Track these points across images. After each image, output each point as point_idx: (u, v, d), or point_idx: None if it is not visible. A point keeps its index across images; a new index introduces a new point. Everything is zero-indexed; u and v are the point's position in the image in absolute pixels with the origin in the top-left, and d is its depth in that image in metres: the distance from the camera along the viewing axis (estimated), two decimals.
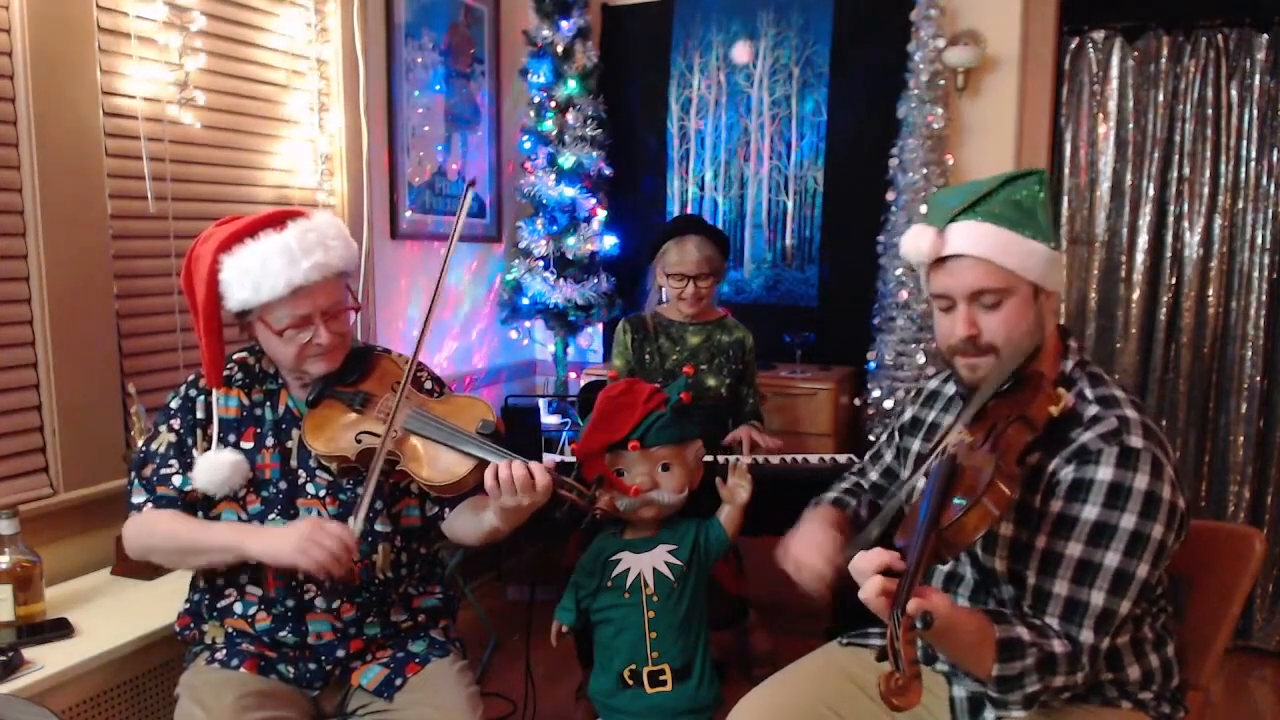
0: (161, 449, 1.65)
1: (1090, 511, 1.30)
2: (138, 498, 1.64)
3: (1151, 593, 1.43)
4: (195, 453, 1.63)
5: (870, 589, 1.15)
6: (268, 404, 1.68)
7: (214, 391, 1.66)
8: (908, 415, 1.72)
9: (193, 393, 1.68)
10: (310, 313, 1.58)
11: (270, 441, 1.66)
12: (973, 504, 1.17)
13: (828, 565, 1.45)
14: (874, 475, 1.78)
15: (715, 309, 2.78)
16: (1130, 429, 1.33)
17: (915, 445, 1.66)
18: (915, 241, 1.43)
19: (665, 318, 2.74)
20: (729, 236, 3.07)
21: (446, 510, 1.70)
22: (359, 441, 1.58)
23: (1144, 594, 1.33)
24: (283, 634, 1.62)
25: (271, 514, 1.63)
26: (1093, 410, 1.37)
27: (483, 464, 1.52)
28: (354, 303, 1.70)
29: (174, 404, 1.68)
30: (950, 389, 1.65)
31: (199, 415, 1.66)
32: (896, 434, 1.74)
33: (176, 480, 1.63)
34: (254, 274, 1.54)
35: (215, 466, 1.60)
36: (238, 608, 1.64)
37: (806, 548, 1.50)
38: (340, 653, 1.64)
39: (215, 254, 1.56)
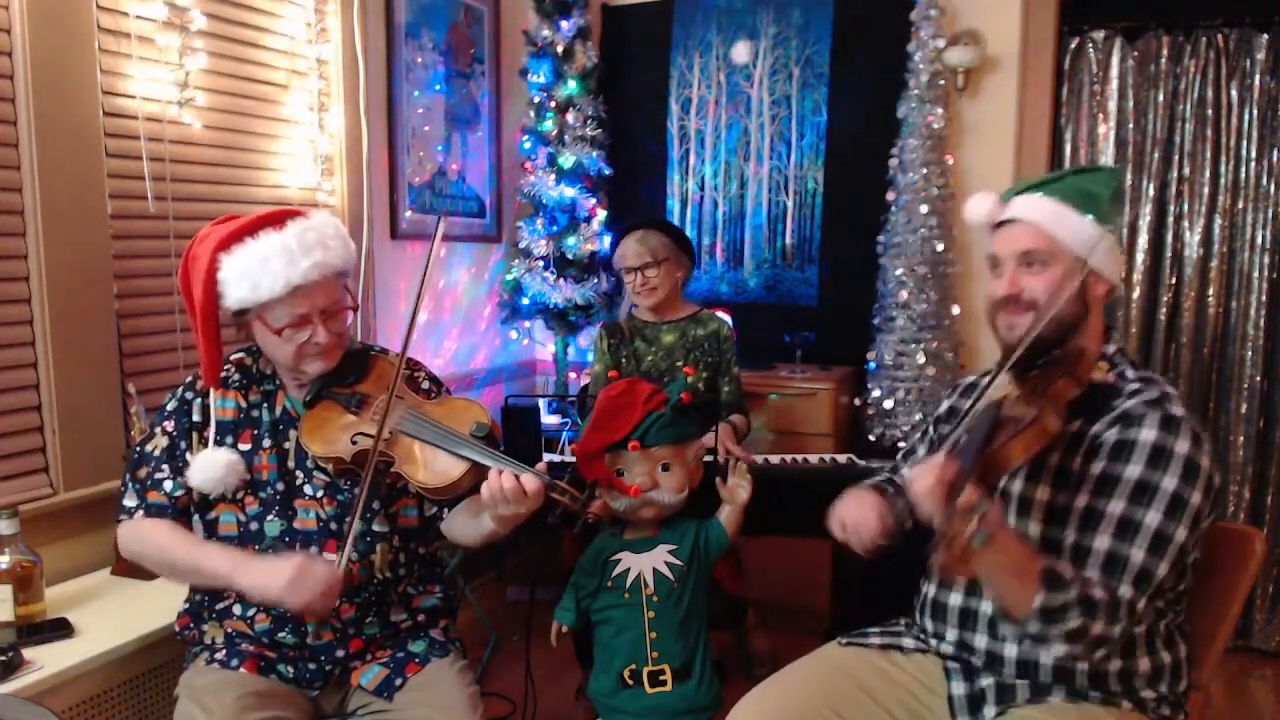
0: (155, 452, 1.65)
1: (1133, 470, 1.35)
2: (129, 501, 1.64)
3: (1179, 583, 1.45)
4: (188, 456, 1.63)
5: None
6: (265, 405, 1.68)
7: (211, 393, 1.66)
8: (944, 407, 1.76)
9: (189, 395, 1.68)
10: (309, 312, 1.58)
11: (267, 443, 1.66)
12: (1022, 429, 1.24)
13: (880, 522, 1.51)
14: (907, 471, 1.78)
15: (687, 304, 2.80)
16: (1171, 401, 1.40)
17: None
18: (976, 205, 1.54)
19: (639, 320, 2.77)
20: (679, 226, 3.10)
21: (444, 510, 1.71)
22: (354, 443, 1.58)
23: (1179, 561, 1.36)
24: (282, 634, 1.62)
25: (269, 515, 1.63)
26: (1134, 385, 1.44)
27: (476, 466, 1.52)
28: (352, 302, 1.70)
29: (170, 406, 1.68)
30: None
31: (195, 418, 1.65)
32: (932, 426, 1.78)
33: (168, 485, 1.63)
34: (253, 273, 1.53)
35: (210, 465, 1.59)
36: (236, 609, 1.64)
37: (857, 510, 1.54)
38: (340, 652, 1.64)
39: (214, 253, 1.56)
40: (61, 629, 1.78)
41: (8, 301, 2.00)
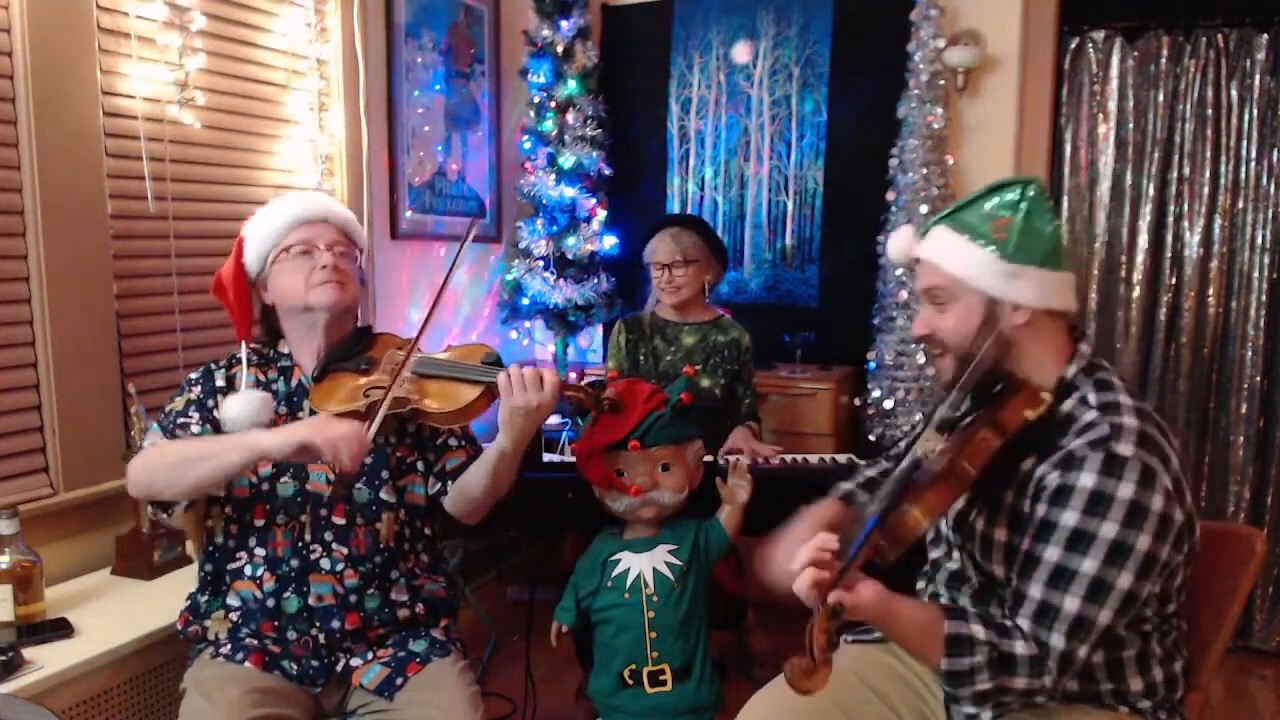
0: (180, 407, 1.69)
1: (1070, 518, 1.28)
2: (152, 439, 1.65)
3: (1165, 606, 1.40)
4: (216, 413, 1.67)
5: (803, 581, 1.22)
6: (281, 379, 1.74)
7: (244, 347, 1.73)
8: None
9: (213, 366, 1.74)
10: (313, 238, 1.71)
11: (284, 409, 1.71)
12: (912, 505, 1.23)
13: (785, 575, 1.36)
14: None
15: (711, 309, 2.77)
16: (1121, 436, 1.28)
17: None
18: (894, 242, 1.52)
19: (661, 318, 2.74)
20: (714, 230, 3.07)
21: (449, 484, 1.73)
22: (367, 396, 1.63)
23: (1130, 606, 1.29)
24: (287, 595, 1.63)
25: (284, 476, 1.67)
26: (1090, 416, 1.34)
27: (491, 387, 1.60)
28: (360, 245, 1.83)
29: (194, 375, 1.74)
30: None
31: (219, 384, 1.71)
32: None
33: (195, 429, 1.65)
34: (265, 223, 1.73)
35: (246, 399, 1.64)
36: (248, 569, 1.66)
37: (782, 549, 1.45)
38: (336, 623, 1.64)
39: (241, 232, 1.76)
40: (61, 629, 1.78)
41: (8, 301, 2.00)
